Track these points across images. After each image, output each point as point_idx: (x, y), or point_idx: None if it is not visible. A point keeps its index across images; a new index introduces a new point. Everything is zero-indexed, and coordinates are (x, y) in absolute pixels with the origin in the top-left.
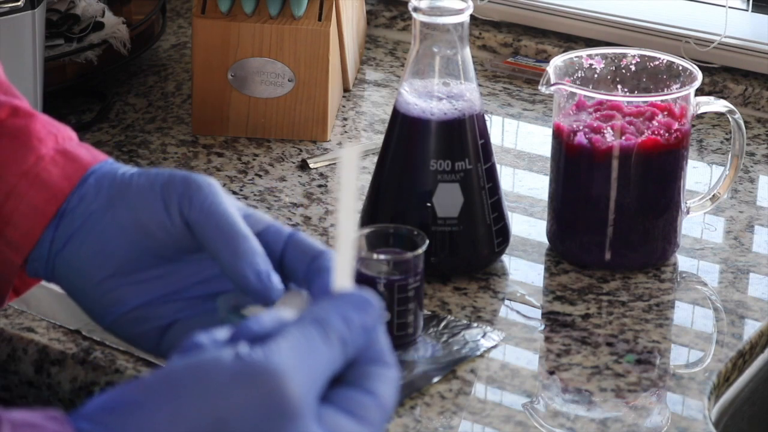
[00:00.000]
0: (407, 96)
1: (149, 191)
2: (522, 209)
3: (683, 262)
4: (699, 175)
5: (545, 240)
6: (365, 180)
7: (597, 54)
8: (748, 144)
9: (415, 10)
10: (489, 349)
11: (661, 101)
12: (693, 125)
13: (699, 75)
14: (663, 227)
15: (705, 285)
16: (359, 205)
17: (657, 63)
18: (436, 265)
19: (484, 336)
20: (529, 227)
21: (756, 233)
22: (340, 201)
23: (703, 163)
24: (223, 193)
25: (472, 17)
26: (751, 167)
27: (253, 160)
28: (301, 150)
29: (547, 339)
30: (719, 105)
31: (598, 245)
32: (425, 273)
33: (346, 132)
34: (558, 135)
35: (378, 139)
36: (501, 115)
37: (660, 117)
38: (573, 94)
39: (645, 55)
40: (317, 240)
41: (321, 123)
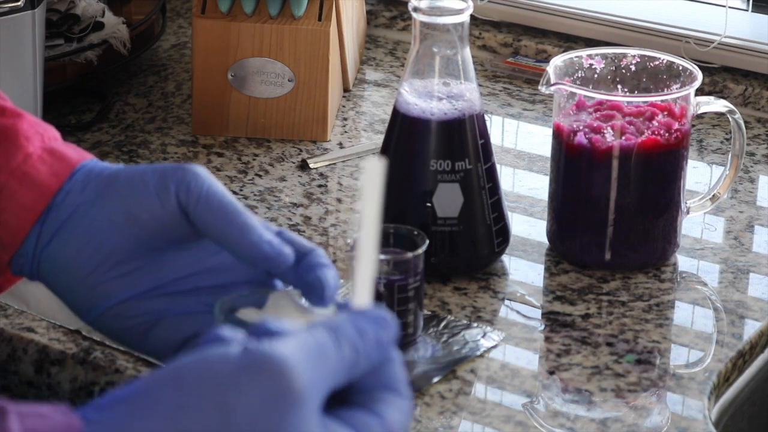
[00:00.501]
0: (407, 96)
1: (139, 181)
2: (522, 209)
3: (683, 262)
4: (699, 175)
5: (545, 240)
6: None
7: (597, 54)
8: (748, 144)
9: (415, 10)
10: (489, 349)
11: (661, 101)
12: (693, 125)
13: (699, 75)
14: (663, 227)
15: (705, 285)
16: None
17: (657, 63)
18: (436, 265)
19: (484, 336)
20: (529, 227)
21: (756, 233)
22: (362, 217)
23: (703, 163)
24: (215, 179)
25: (472, 17)
26: (751, 167)
27: (253, 160)
28: (301, 150)
29: (547, 339)
30: (719, 105)
31: (598, 245)
32: (425, 273)
33: (346, 132)
34: (558, 135)
35: (378, 139)
36: (501, 115)
37: (660, 117)
38: (573, 94)
39: (645, 55)
40: (308, 239)
41: (321, 123)
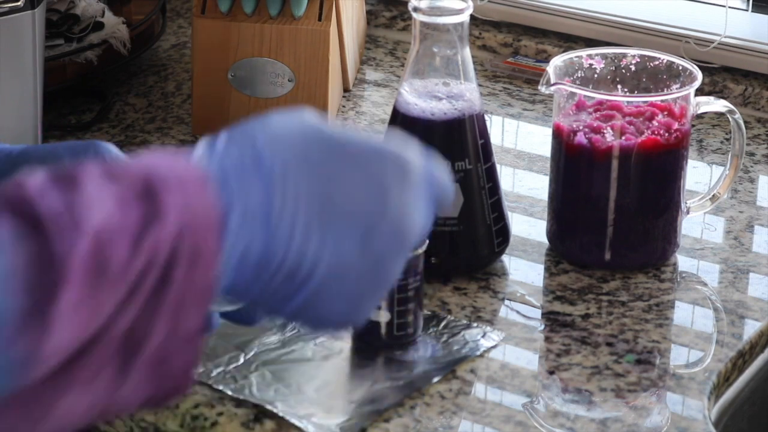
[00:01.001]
0: (407, 96)
1: (52, 157)
2: (522, 209)
3: (683, 262)
4: (699, 175)
5: (545, 240)
6: None
7: (597, 54)
8: (748, 144)
9: (415, 10)
10: (489, 349)
11: (661, 101)
12: (693, 125)
13: (699, 75)
14: (663, 227)
15: (705, 285)
16: None
17: (657, 63)
18: (436, 265)
19: (484, 336)
20: (529, 227)
21: (756, 233)
22: None
23: (703, 163)
24: (122, 154)
25: (472, 17)
26: (751, 167)
27: None
28: None
29: (547, 339)
30: (719, 105)
31: (598, 245)
32: (425, 273)
33: None
34: (558, 135)
35: None
36: (501, 115)
37: (660, 117)
38: (573, 94)
39: (645, 55)
40: None
41: None
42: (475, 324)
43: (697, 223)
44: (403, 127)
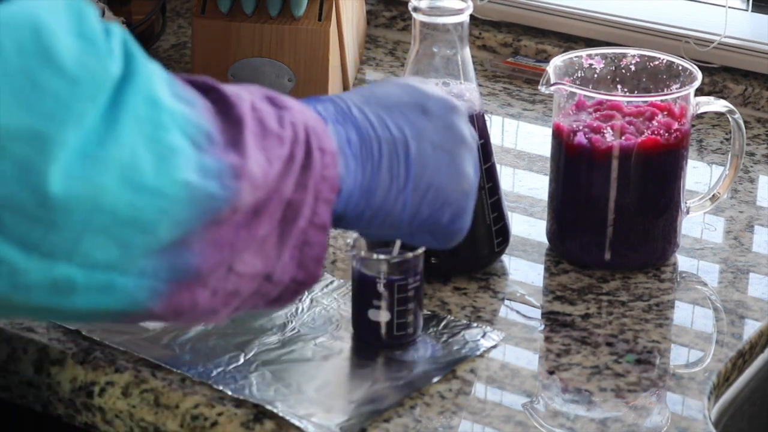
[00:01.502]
0: None
1: None
2: (522, 209)
3: (683, 262)
4: (699, 175)
5: (545, 240)
6: None
7: (597, 54)
8: (748, 144)
9: (415, 10)
10: (489, 349)
11: (661, 101)
12: (693, 125)
13: (699, 75)
14: (663, 227)
15: (705, 285)
16: None
17: (657, 63)
18: (436, 265)
19: (483, 336)
20: (529, 227)
21: (756, 233)
22: None
23: (703, 163)
24: None
25: (472, 17)
26: (751, 167)
27: None
28: None
29: (547, 339)
30: (719, 105)
31: (598, 245)
32: (425, 273)
33: None
34: (558, 135)
35: None
36: (501, 115)
37: (660, 117)
38: (573, 94)
39: (645, 55)
40: None
41: None
42: (475, 324)
43: (697, 223)
44: None
